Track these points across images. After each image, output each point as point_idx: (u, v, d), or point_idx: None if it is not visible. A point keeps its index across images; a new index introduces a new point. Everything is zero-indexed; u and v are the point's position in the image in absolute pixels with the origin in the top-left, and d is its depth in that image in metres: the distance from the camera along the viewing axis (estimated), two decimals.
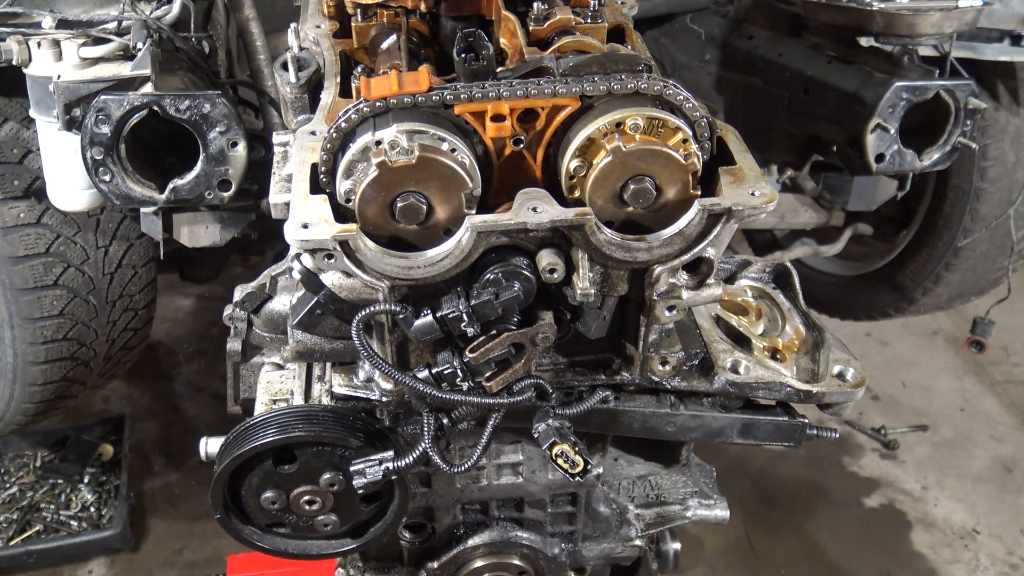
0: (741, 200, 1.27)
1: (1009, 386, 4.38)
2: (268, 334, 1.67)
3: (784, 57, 2.96)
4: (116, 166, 2.07)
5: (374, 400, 1.50)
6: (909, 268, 3.56)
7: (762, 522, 3.61)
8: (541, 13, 1.56)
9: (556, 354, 1.48)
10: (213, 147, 2.07)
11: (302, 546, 1.56)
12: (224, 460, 1.42)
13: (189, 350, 4.41)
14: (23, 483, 3.57)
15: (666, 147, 1.28)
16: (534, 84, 1.31)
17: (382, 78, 1.32)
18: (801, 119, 2.93)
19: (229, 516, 1.50)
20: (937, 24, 2.59)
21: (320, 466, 1.46)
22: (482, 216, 1.27)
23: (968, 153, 2.87)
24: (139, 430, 3.85)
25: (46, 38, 2.19)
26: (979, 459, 3.98)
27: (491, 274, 1.29)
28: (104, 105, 2.01)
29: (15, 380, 2.83)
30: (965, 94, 2.62)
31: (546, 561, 1.78)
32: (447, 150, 1.27)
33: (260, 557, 1.96)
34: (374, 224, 1.27)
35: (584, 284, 1.29)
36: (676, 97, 1.32)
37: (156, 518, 3.55)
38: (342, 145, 1.31)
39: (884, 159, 2.64)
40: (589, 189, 1.29)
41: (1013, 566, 3.48)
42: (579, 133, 1.30)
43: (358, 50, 1.69)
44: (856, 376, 1.59)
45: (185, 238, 2.52)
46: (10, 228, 2.62)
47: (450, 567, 1.77)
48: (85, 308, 2.78)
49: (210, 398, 4.10)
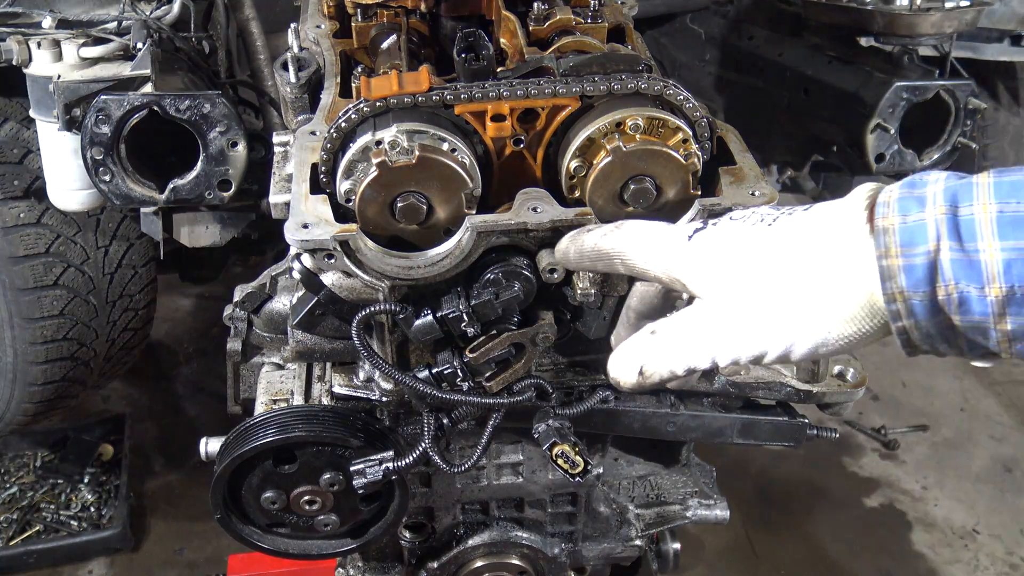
0: (741, 200, 1.27)
1: (1009, 386, 4.38)
2: (268, 334, 1.66)
3: (784, 57, 2.96)
4: (116, 166, 2.07)
5: (374, 400, 1.50)
6: None
7: (762, 522, 3.61)
8: (541, 13, 1.56)
9: (556, 354, 1.48)
10: (213, 147, 2.07)
11: (302, 546, 1.56)
12: (224, 460, 1.42)
13: (189, 350, 4.41)
14: (23, 483, 3.57)
15: (666, 147, 1.28)
16: (534, 84, 1.31)
17: (382, 78, 1.32)
18: (801, 119, 2.93)
19: (229, 516, 1.50)
20: (937, 24, 2.59)
21: (320, 466, 1.46)
22: (482, 216, 1.27)
23: (968, 153, 2.87)
24: (139, 430, 3.85)
25: (46, 38, 2.19)
26: (979, 459, 3.98)
27: (491, 274, 1.29)
28: (104, 105, 2.01)
29: (15, 380, 2.83)
30: (965, 94, 2.62)
31: (546, 561, 1.78)
32: (447, 150, 1.27)
33: (260, 557, 1.96)
34: (374, 224, 1.27)
35: (584, 284, 1.29)
36: (676, 97, 1.32)
37: (156, 518, 3.55)
38: (342, 145, 1.31)
39: (884, 159, 2.64)
40: (589, 189, 1.29)
41: (1013, 566, 3.48)
42: (579, 133, 1.30)
43: (358, 50, 1.69)
44: (856, 376, 1.59)
45: (185, 238, 2.52)
46: (10, 228, 2.62)
47: (450, 567, 1.77)
48: (85, 308, 2.78)
49: (210, 398, 4.10)
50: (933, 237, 0.88)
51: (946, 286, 0.88)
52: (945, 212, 0.88)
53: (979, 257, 0.86)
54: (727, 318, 1.02)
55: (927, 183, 0.92)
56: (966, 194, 0.89)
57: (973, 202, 0.88)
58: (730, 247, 1.03)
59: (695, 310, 1.06)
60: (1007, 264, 0.85)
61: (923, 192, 0.91)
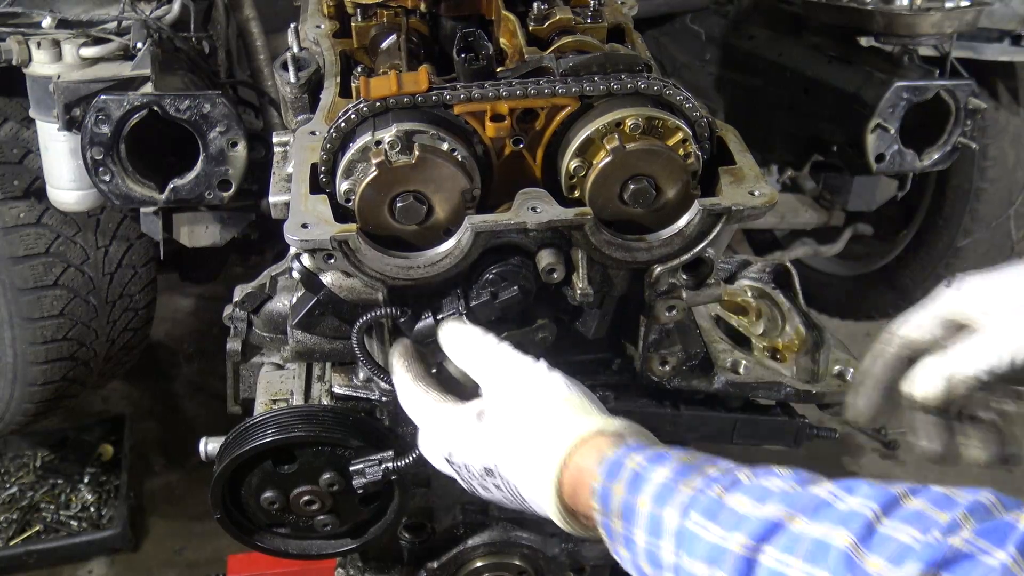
0: (741, 200, 1.27)
1: None
2: (268, 334, 1.66)
3: (784, 57, 2.96)
4: (116, 166, 2.07)
5: (374, 400, 1.50)
6: (909, 268, 3.55)
7: None
8: (541, 13, 1.56)
9: (556, 354, 1.48)
10: (213, 147, 2.07)
11: (302, 546, 1.56)
12: (224, 460, 1.42)
13: (189, 350, 4.41)
14: (23, 483, 3.57)
15: (666, 147, 1.28)
16: (534, 84, 1.31)
17: (382, 78, 1.32)
18: (801, 119, 2.93)
19: (229, 516, 1.50)
20: (937, 24, 2.59)
21: (320, 466, 1.46)
22: (482, 216, 1.27)
23: (968, 153, 2.87)
24: (139, 430, 3.85)
25: (46, 38, 2.19)
26: None
27: (490, 274, 1.29)
28: (104, 105, 2.01)
29: (15, 380, 2.83)
30: (965, 94, 2.62)
31: (546, 561, 1.78)
32: (447, 150, 1.27)
33: (260, 557, 1.95)
34: (374, 224, 1.27)
35: (584, 284, 1.29)
36: (676, 97, 1.31)
37: (156, 518, 3.55)
38: (342, 145, 1.31)
39: (884, 159, 2.64)
40: (589, 189, 1.29)
41: None
42: (579, 133, 1.30)
43: (358, 50, 1.69)
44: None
45: (185, 238, 2.52)
46: (10, 228, 2.62)
47: (450, 567, 1.77)
48: (85, 308, 2.78)
49: (210, 398, 4.09)
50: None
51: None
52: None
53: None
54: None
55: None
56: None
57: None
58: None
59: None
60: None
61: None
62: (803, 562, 0.86)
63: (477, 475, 1.22)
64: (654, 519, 0.99)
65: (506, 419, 1.18)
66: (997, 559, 0.78)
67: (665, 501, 0.99)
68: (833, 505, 0.89)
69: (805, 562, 0.85)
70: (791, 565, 0.86)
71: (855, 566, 0.82)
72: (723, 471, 1.00)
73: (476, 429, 1.21)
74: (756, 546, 0.89)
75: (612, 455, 1.06)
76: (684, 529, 0.96)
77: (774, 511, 0.91)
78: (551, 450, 1.11)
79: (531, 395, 1.18)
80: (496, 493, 1.22)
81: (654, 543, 0.99)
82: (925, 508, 0.85)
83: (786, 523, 0.89)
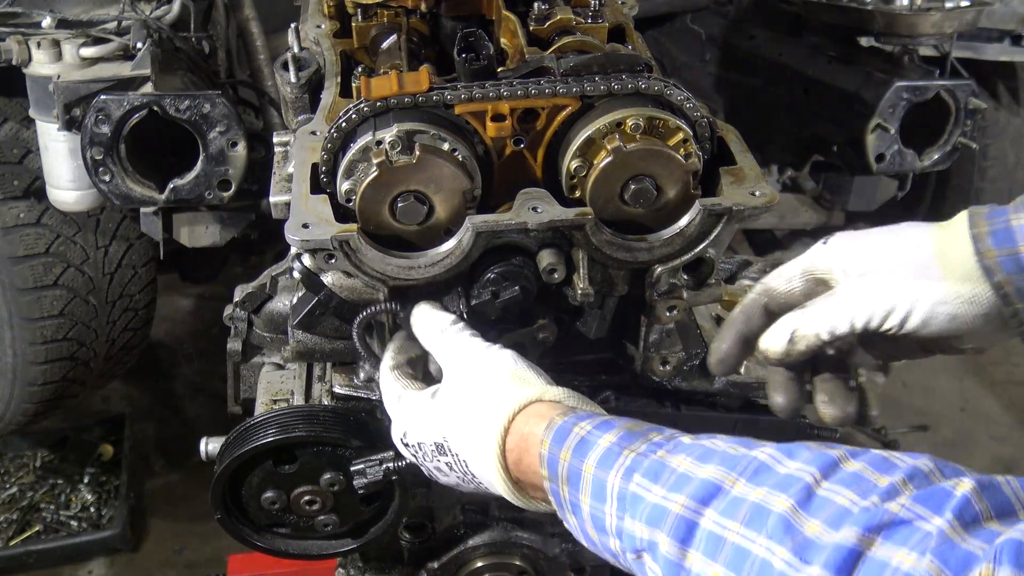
0: (741, 200, 1.27)
1: (1009, 386, 4.38)
2: (268, 334, 1.66)
3: (784, 57, 2.96)
4: (116, 166, 2.07)
5: (374, 400, 1.50)
6: None
7: None
8: (541, 13, 1.56)
9: (556, 354, 1.48)
10: (213, 147, 2.07)
11: (302, 546, 1.56)
12: (224, 460, 1.42)
13: (189, 350, 4.41)
14: (23, 483, 3.57)
15: (667, 147, 1.28)
16: (534, 84, 1.31)
17: (382, 78, 1.32)
18: (801, 119, 2.93)
19: (229, 516, 1.50)
20: (937, 24, 2.59)
21: (320, 466, 1.46)
22: (482, 216, 1.27)
23: (968, 153, 2.87)
24: (139, 430, 3.85)
25: (46, 38, 2.19)
26: (979, 459, 3.98)
27: (491, 274, 1.29)
28: (104, 105, 2.01)
29: (15, 380, 2.83)
30: (965, 94, 2.62)
31: (546, 561, 1.78)
32: (447, 150, 1.27)
33: (260, 557, 1.95)
34: (375, 224, 1.27)
35: (584, 284, 1.29)
36: (676, 97, 1.31)
37: (156, 518, 3.55)
38: (342, 145, 1.31)
39: (884, 159, 2.64)
40: (590, 189, 1.29)
41: None
42: (580, 133, 1.30)
43: (358, 50, 1.69)
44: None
45: (185, 238, 2.52)
46: (10, 228, 2.62)
47: (450, 567, 1.77)
48: (85, 308, 2.78)
49: (210, 398, 4.09)
50: None
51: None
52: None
53: None
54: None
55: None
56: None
57: None
58: None
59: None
60: None
61: None
62: (742, 526, 0.86)
63: (430, 454, 1.23)
64: (598, 483, 1.00)
65: (454, 394, 1.21)
66: (934, 525, 0.78)
67: (610, 465, 1.00)
68: (773, 468, 0.89)
69: (744, 526, 0.86)
70: (730, 529, 0.86)
71: (793, 529, 0.83)
72: (667, 436, 1.01)
73: (427, 406, 1.23)
74: (697, 508, 0.90)
75: (560, 422, 1.08)
76: (626, 491, 0.97)
77: (715, 472, 0.91)
78: (493, 417, 1.12)
79: (479, 371, 1.20)
80: (450, 475, 1.23)
81: (598, 507, 1.00)
82: (864, 471, 0.85)
83: (727, 486, 0.90)
